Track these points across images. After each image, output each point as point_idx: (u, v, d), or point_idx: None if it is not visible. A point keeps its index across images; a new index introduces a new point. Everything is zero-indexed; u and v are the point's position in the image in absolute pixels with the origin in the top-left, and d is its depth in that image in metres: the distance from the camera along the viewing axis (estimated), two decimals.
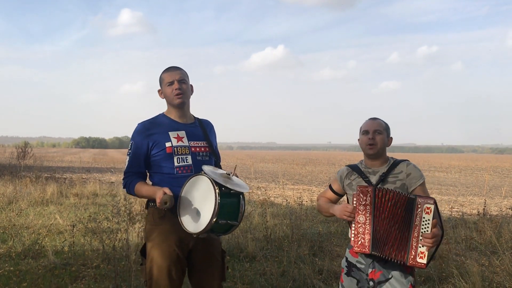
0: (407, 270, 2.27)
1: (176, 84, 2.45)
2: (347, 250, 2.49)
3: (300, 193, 13.08)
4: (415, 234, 2.14)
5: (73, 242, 5.37)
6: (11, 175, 13.69)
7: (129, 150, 2.50)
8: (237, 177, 2.42)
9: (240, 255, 5.19)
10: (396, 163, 2.42)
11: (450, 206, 10.09)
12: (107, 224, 5.01)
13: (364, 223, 2.23)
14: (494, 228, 6.49)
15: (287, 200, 10.44)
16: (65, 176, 17.17)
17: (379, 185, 2.34)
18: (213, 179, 2.19)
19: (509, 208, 9.49)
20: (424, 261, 2.12)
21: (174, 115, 2.53)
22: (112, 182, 15.15)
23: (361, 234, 2.24)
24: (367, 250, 2.22)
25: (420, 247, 2.13)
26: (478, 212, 8.44)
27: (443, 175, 26.12)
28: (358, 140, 2.50)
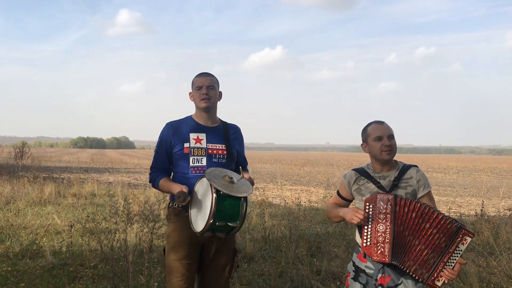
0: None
1: (204, 89, 2.60)
2: (355, 254, 2.43)
3: (298, 193, 13.09)
4: (445, 260, 2.14)
5: (71, 242, 5.36)
6: (9, 175, 13.66)
7: (156, 146, 2.69)
8: (251, 178, 2.51)
9: (238, 255, 5.20)
10: (406, 168, 2.35)
11: (448, 207, 10.11)
12: (105, 224, 5.00)
13: (384, 232, 2.20)
14: (492, 229, 6.52)
15: (285, 200, 10.46)
16: (63, 176, 17.12)
17: (393, 192, 2.28)
18: (211, 183, 2.26)
19: (507, 209, 9.53)
20: (440, 284, 2.15)
21: (199, 118, 2.68)
22: (110, 182, 15.12)
23: (380, 243, 2.21)
24: (387, 260, 2.20)
25: (442, 272, 2.14)
26: (476, 213, 8.48)
27: (441, 176, 26.17)
28: (362, 145, 2.40)
